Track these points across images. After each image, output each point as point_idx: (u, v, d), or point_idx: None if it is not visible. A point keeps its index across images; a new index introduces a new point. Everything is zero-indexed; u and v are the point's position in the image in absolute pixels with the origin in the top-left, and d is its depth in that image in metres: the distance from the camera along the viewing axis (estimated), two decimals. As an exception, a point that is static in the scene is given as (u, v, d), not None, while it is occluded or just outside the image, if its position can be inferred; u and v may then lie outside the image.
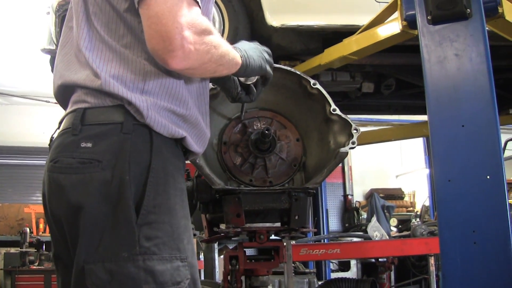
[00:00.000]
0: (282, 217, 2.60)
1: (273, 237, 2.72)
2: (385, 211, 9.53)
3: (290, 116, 2.59)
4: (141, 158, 1.60)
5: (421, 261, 6.90)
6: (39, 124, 15.74)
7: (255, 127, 2.55)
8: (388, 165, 15.18)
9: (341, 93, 5.84)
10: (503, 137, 3.41)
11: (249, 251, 2.79)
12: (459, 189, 2.85)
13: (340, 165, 10.17)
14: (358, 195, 17.78)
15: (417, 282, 7.32)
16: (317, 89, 2.44)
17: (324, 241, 6.08)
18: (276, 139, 2.50)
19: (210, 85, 2.38)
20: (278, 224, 2.68)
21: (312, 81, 2.45)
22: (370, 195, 18.44)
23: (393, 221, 11.44)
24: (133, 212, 1.55)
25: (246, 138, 2.51)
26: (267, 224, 2.71)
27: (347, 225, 9.80)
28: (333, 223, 9.69)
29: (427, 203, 13.26)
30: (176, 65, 1.55)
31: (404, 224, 13.22)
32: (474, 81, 2.94)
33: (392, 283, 7.60)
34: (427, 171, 14.76)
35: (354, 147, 2.37)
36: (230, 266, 2.52)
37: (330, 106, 2.44)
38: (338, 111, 2.44)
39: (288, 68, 2.47)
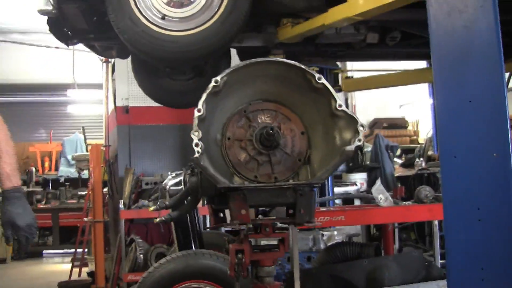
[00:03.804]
0: (287, 208, 2.59)
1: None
2: (389, 151, 9.54)
3: (294, 107, 2.54)
4: None
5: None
6: (40, 60, 15.62)
7: (259, 120, 2.51)
8: (391, 94, 15.10)
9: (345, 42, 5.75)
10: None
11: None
12: (465, 166, 2.84)
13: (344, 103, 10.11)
14: (361, 125, 17.72)
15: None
16: (322, 83, 2.39)
17: (329, 203, 6.12)
18: (280, 135, 2.46)
19: (213, 83, 2.33)
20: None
21: (317, 76, 2.39)
22: (374, 124, 18.49)
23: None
24: None
25: (251, 133, 2.47)
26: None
27: (351, 164, 9.82)
28: (337, 162, 9.70)
29: (430, 134, 13.29)
30: None
31: (407, 158, 13.34)
32: (483, 56, 2.87)
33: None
34: (430, 101, 14.71)
35: (360, 145, 2.34)
36: (236, 260, 2.52)
37: (336, 102, 2.39)
38: (343, 107, 2.39)
39: (292, 62, 2.41)
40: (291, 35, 4.75)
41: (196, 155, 2.26)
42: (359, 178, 9.22)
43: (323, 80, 2.38)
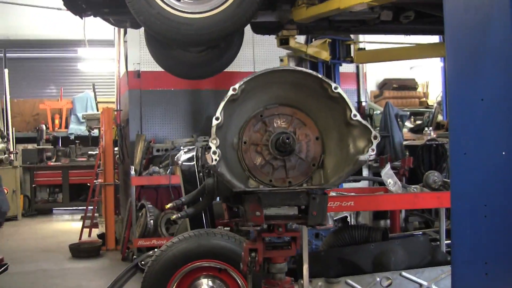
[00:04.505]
0: (300, 207, 2.67)
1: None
2: (398, 119, 9.54)
3: (310, 112, 2.59)
4: None
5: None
6: (51, 16, 15.52)
7: (275, 125, 2.56)
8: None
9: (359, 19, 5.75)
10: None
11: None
12: (474, 163, 2.90)
13: (355, 71, 10.08)
14: (371, 85, 17.76)
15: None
16: (339, 93, 2.43)
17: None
18: (296, 141, 2.52)
19: (231, 91, 2.38)
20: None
21: (333, 85, 2.43)
22: (383, 85, 18.43)
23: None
24: None
25: (267, 138, 2.53)
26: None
27: (360, 132, 9.81)
28: (346, 130, 9.69)
29: (440, 98, 13.25)
30: None
31: (417, 124, 13.32)
32: (496, 56, 2.89)
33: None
34: (441, 64, 14.67)
35: (373, 155, 2.40)
36: (249, 258, 2.62)
37: (351, 111, 2.43)
38: (358, 117, 2.44)
39: (310, 71, 2.45)
40: (305, 16, 4.76)
41: (214, 162, 2.32)
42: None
43: (340, 90, 2.43)
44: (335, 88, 2.43)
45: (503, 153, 2.81)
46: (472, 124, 2.89)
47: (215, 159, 2.33)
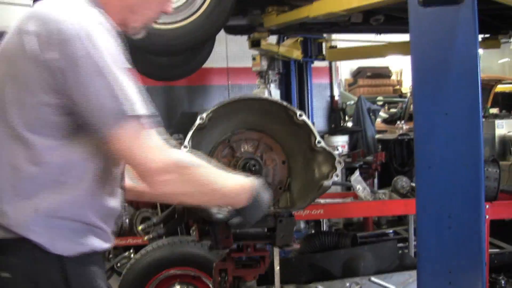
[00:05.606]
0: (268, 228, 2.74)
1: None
2: (371, 114, 9.66)
3: (276, 136, 2.65)
4: None
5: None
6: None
7: (242, 149, 2.63)
8: (376, 43, 14.99)
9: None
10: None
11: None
12: (438, 176, 2.99)
13: (328, 65, 10.15)
14: (345, 73, 17.80)
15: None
16: (303, 120, 2.50)
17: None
18: (262, 167, 2.58)
19: (198, 120, 2.43)
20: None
21: (298, 113, 2.50)
22: (358, 73, 18.50)
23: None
24: None
25: (234, 164, 2.59)
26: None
27: (333, 126, 9.93)
28: (319, 124, 9.75)
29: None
30: None
31: (390, 111, 13.42)
32: (461, 70, 2.96)
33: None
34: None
35: (338, 180, 2.48)
36: (219, 278, 2.69)
37: (315, 138, 2.51)
38: (322, 144, 2.51)
39: (275, 100, 2.52)
40: (275, 23, 4.81)
41: (182, 191, 2.37)
42: (341, 141, 9.33)
43: (304, 117, 2.49)
44: (300, 115, 2.50)
45: (467, 166, 2.91)
46: (437, 138, 2.98)
47: (183, 188, 2.38)
